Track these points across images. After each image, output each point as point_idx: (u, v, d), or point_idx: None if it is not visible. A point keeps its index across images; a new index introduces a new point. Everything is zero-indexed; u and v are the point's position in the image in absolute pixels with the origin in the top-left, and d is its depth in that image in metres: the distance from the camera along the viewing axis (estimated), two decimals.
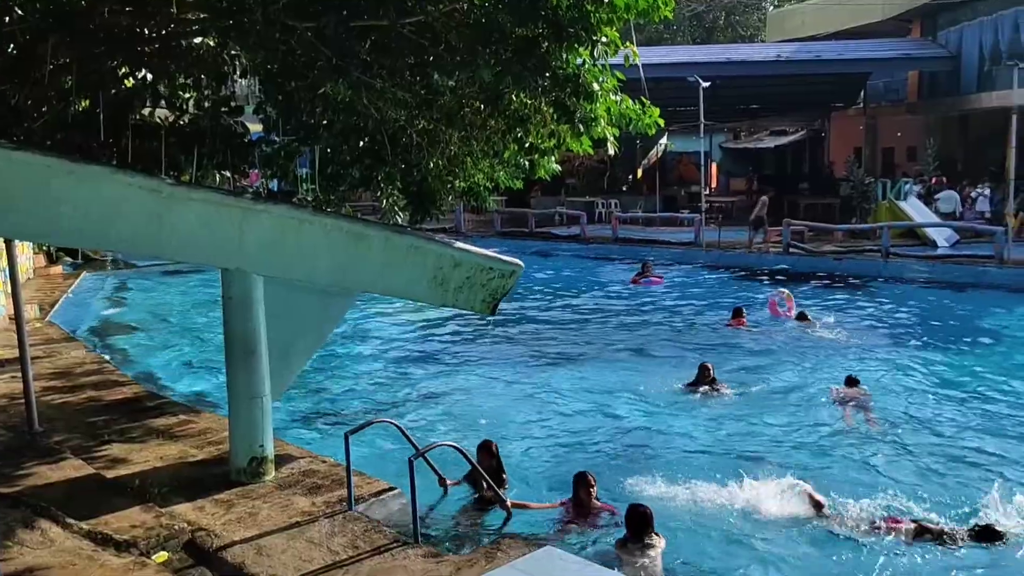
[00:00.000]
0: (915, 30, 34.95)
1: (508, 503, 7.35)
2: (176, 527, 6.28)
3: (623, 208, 31.94)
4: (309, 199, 9.44)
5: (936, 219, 25.85)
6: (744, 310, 16.48)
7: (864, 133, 35.66)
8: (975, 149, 32.72)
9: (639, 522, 6.86)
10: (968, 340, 15.10)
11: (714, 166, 42.50)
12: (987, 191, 27.28)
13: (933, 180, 29.14)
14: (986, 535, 7.16)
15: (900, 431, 10.43)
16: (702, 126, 26.92)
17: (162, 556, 5.95)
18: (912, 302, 18.54)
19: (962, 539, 7.16)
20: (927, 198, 27.87)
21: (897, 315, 17.42)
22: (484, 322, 15.44)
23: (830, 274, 21.69)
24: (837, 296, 19.47)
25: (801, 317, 16.14)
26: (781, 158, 41.89)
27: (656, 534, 6.89)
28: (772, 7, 51.46)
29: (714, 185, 42.02)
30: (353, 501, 6.68)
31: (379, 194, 9.75)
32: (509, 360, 14.10)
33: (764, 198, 25.91)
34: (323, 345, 8.98)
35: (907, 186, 27.19)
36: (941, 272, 20.99)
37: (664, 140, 38.45)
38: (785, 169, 41.24)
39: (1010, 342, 15.01)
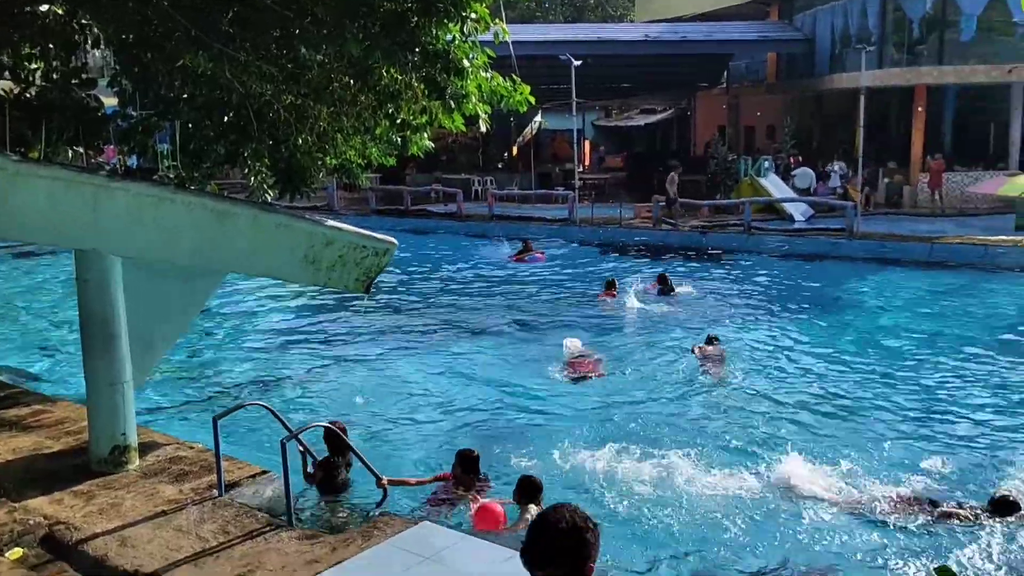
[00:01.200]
0: (773, 13, 36.54)
1: (384, 480, 7.32)
2: (31, 522, 5.97)
3: (499, 185, 32.14)
4: (171, 176, 9.05)
5: (793, 195, 27.21)
6: (616, 282, 16.94)
7: (727, 112, 37.12)
8: (829, 127, 34.63)
9: (529, 489, 7.07)
10: (821, 307, 16.14)
11: (587, 144, 43.28)
12: (840, 168, 28.91)
13: (791, 159, 30.67)
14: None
15: (760, 386, 11.28)
16: (574, 104, 27.31)
17: (16, 553, 5.65)
18: (771, 273, 19.53)
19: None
20: (785, 175, 29.30)
21: (758, 285, 18.32)
22: (359, 302, 15.25)
23: (697, 248, 22.54)
24: (703, 268, 20.29)
25: (666, 289, 16.66)
26: (651, 136, 43.12)
27: (536, 504, 7.09)
28: None
29: (587, 163, 42.81)
30: (223, 487, 6.51)
31: (246, 171, 9.43)
32: (386, 339, 14.01)
33: (673, 174, 26.50)
34: (188, 328, 8.67)
35: (766, 163, 28.49)
36: (797, 245, 22.15)
37: (538, 118, 38.82)
38: (654, 146, 42.49)
39: (857, 309, 16.10)
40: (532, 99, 8.30)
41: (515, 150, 39.02)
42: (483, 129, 8.31)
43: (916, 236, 21.73)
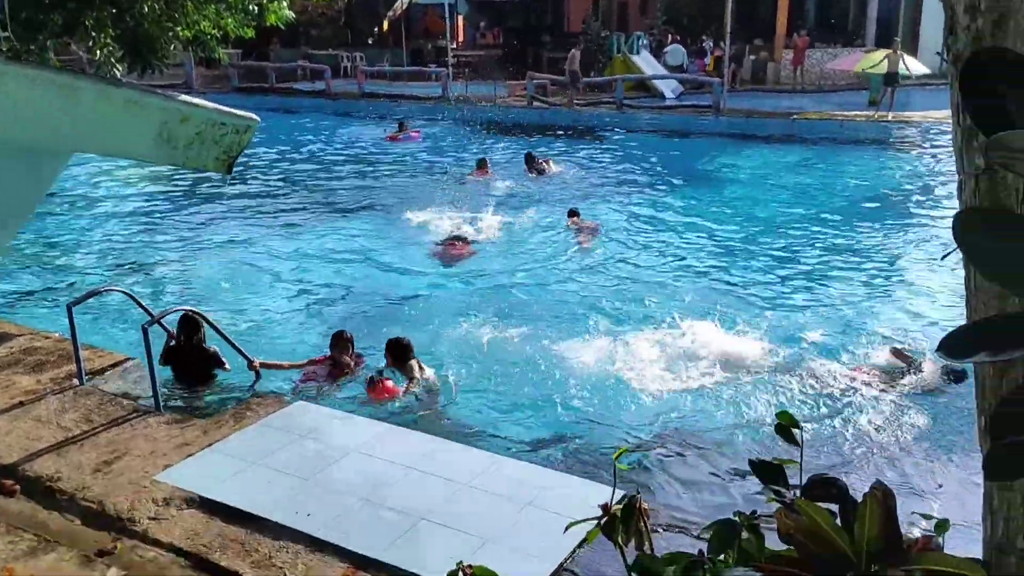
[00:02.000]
0: None
1: (256, 362, 7.24)
2: None
3: (369, 62, 31.01)
4: (3, 49, 8.25)
5: (665, 72, 27.44)
6: (487, 161, 16.88)
7: None
8: (702, 5, 34.74)
9: (397, 350, 7.27)
10: (689, 181, 16.62)
11: (461, 19, 42.02)
12: (710, 45, 29.25)
13: (669, 37, 30.66)
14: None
15: (632, 256, 11.73)
16: None
17: None
18: (642, 149, 19.87)
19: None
20: (657, 52, 29.43)
21: (629, 161, 18.63)
22: (222, 182, 14.66)
23: (571, 125, 22.60)
24: (577, 146, 20.42)
25: (535, 166, 16.71)
26: (525, 11, 42.17)
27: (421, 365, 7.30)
28: None
29: (461, 39, 41.68)
30: (84, 375, 6.29)
31: (91, 44, 8.71)
32: (252, 222, 13.57)
33: (574, 51, 26.13)
34: (33, 212, 8.13)
35: (641, 40, 28.49)
36: (667, 121, 22.52)
37: None
38: (529, 21, 41.66)
39: (723, 182, 16.67)
40: None
41: (386, 25, 37.49)
42: None
43: (778, 112, 22.46)
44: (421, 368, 7.39)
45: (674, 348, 8.11)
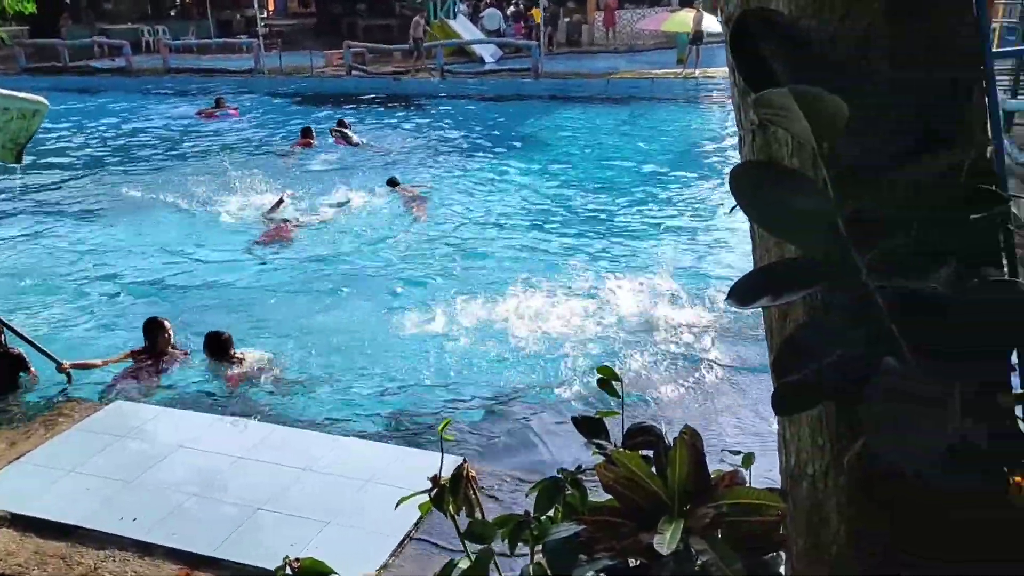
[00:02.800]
0: None
1: (65, 365, 6.74)
2: None
3: (173, 35, 29.26)
4: None
5: (483, 36, 27.52)
6: (312, 130, 16.44)
7: None
8: None
9: (215, 344, 7.08)
10: (512, 143, 16.82)
11: None
12: (521, 6, 29.57)
13: (485, 1, 30.69)
14: None
15: (455, 220, 11.80)
16: None
17: None
18: (465, 115, 19.90)
19: None
20: (474, 16, 29.46)
21: (452, 127, 18.62)
22: (12, 172, 13.45)
23: (392, 94, 22.29)
24: (398, 114, 20.18)
25: (345, 136, 16.41)
26: None
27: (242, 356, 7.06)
28: None
29: (272, 8, 40.09)
30: None
31: None
32: (51, 213, 12.54)
33: (418, 18, 25.46)
34: None
35: (458, 5, 28.40)
36: (489, 86, 22.64)
37: None
38: None
39: (543, 143, 16.98)
40: None
41: None
42: None
43: (594, 73, 23.06)
44: (241, 360, 7.15)
45: (501, 312, 8.22)
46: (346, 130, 16.55)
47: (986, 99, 1.97)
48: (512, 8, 29.97)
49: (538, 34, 25.52)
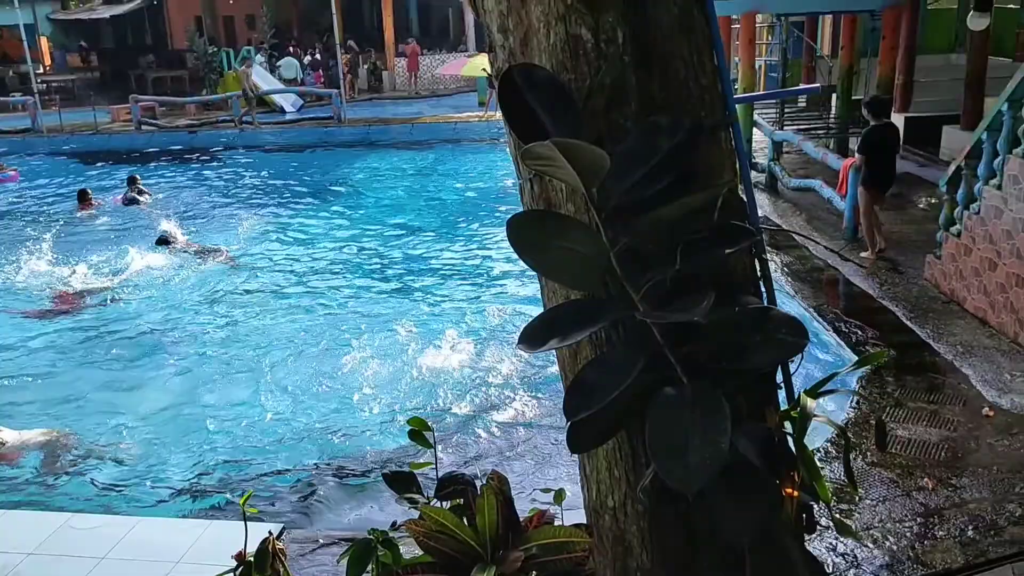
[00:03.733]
0: None
1: None
2: None
3: None
4: None
5: (281, 86, 27.02)
6: (90, 192, 15.49)
7: (202, 2, 35.07)
8: (307, 15, 34.74)
9: None
10: (316, 194, 16.58)
11: (44, 40, 37.86)
12: (319, 55, 29.33)
13: (292, 49, 29.97)
14: None
15: (263, 273, 11.52)
16: None
17: None
18: (266, 166, 19.41)
19: None
20: (270, 66, 28.90)
21: (252, 180, 18.09)
22: None
23: (187, 148, 21.39)
24: (194, 168, 19.41)
25: (136, 194, 15.66)
26: (121, 29, 39.08)
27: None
28: None
29: (48, 63, 37.58)
30: None
31: None
32: None
33: (244, 68, 24.29)
34: None
35: (258, 56, 27.77)
36: (291, 136, 22.21)
37: None
38: (127, 41, 38.68)
39: (348, 191, 16.86)
40: None
41: None
42: None
43: (398, 119, 23.20)
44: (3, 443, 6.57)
45: (305, 367, 8.04)
46: (138, 186, 15.71)
47: (732, 140, 2.15)
48: (309, 57, 29.67)
49: (339, 82, 25.39)
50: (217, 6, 35.55)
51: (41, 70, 30.83)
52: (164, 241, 12.41)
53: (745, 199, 2.11)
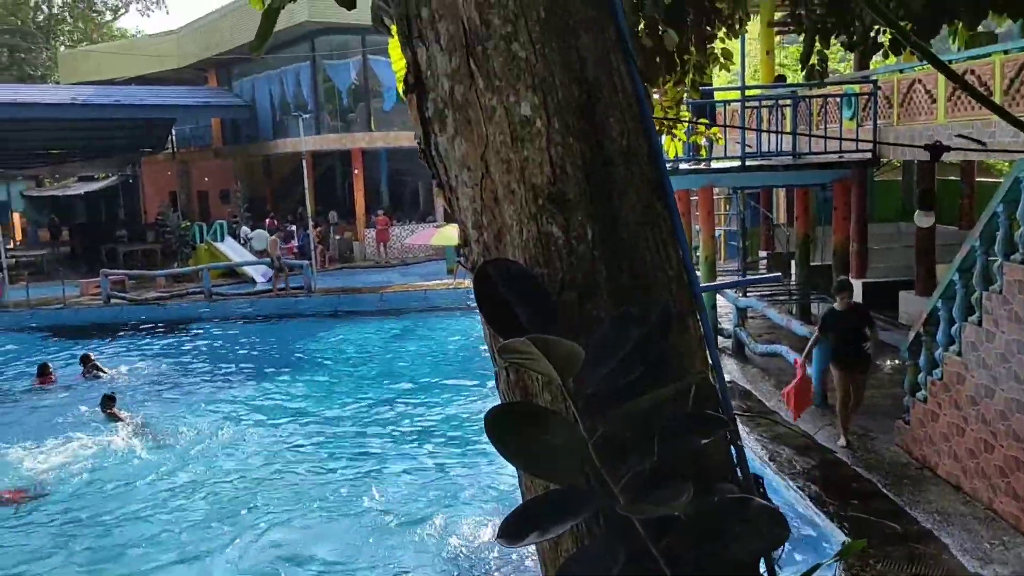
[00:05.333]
0: (211, 79, 36.70)
1: None
2: None
3: None
4: None
5: (252, 258, 27.45)
6: (50, 366, 15.28)
7: (177, 177, 36.17)
8: (280, 189, 35.83)
9: None
10: (286, 365, 16.48)
11: (17, 216, 38.49)
12: (293, 229, 30.03)
13: (268, 221, 30.60)
14: None
15: (228, 449, 11.13)
16: None
17: None
18: (238, 337, 19.39)
19: None
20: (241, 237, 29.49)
21: (222, 351, 18.02)
22: None
23: (156, 321, 21.35)
24: (163, 341, 19.31)
25: (91, 369, 15.53)
26: (94, 205, 39.91)
27: None
28: (64, 47, 48.63)
29: (19, 238, 38.03)
30: None
31: None
32: None
33: (276, 236, 24.57)
34: None
35: (244, 230, 28.49)
36: (262, 306, 22.33)
37: None
38: (99, 216, 39.42)
39: (319, 362, 16.81)
40: None
41: None
42: None
43: (367, 288, 23.51)
44: None
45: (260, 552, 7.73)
46: (93, 362, 15.56)
47: (701, 327, 2.21)
48: (281, 231, 30.33)
49: (310, 252, 25.86)
50: (192, 182, 36.68)
51: (11, 245, 31.08)
52: (107, 402, 12.52)
53: (717, 385, 2.15)
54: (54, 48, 49.08)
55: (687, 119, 6.55)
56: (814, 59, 5.90)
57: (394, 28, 2.70)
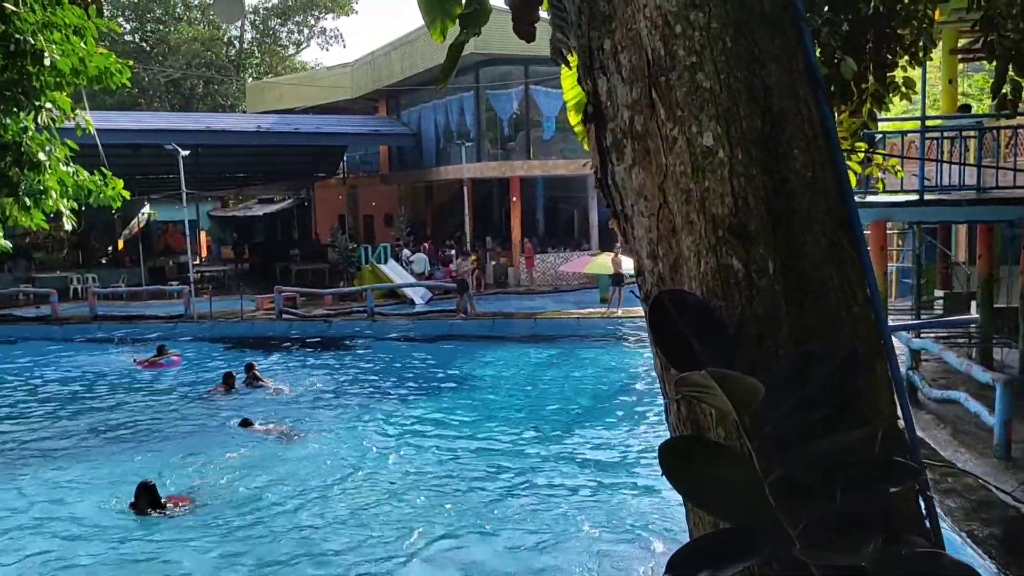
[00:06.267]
0: (381, 109, 38.50)
1: None
2: None
3: (103, 282, 29.45)
4: None
5: (412, 279, 28.43)
6: (233, 376, 16.34)
7: (346, 201, 38.07)
8: (440, 214, 37.02)
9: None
10: (442, 385, 16.90)
11: (203, 234, 41.59)
12: (453, 253, 30.91)
13: (425, 245, 31.89)
14: None
15: (384, 465, 11.49)
16: (184, 194, 26.18)
17: None
18: (395, 356, 20.07)
19: None
20: (405, 260, 30.64)
21: (381, 369, 18.68)
22: None
23: (322, 337, 22.46)
24: (328, 357, 20.25)
25: (253, 379, 16.45)
26: (271, 225, 42.68)
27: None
28: (251, 79, 52.44)
29: (205, 254, 41.09)
30: None
31: None
32: None
33: (462, 260, 26.19)
34: None
35: (405, 252, 29.82)
36: (419, 327, 23.05)
37: (147, 209, 36.48)
38: (276, 236, 42.07)
39: (469, 383, 17.11)
40: (126, 194, 7.75)
41: (121, 243, 36.18)
42: (68, 227, 7.57)
43: (521, 313, 23.81)
44: None
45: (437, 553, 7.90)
46: (254, 372, 16.53)
47: (889, 370, 2.11)
48: (441, 253, 31.30)
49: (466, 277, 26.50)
50: (359, 206, 38.49)
51: (197, 261, 33.56)
52: (247, 423, 13.27)
53: (906, 432, 2.04)
54: (242, 80, 53.00)
55: (863, 150, 6.27)
56: (1006, 88, 5.51)
57: (572, 59, 2.75)
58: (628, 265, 23.36)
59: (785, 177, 2.08)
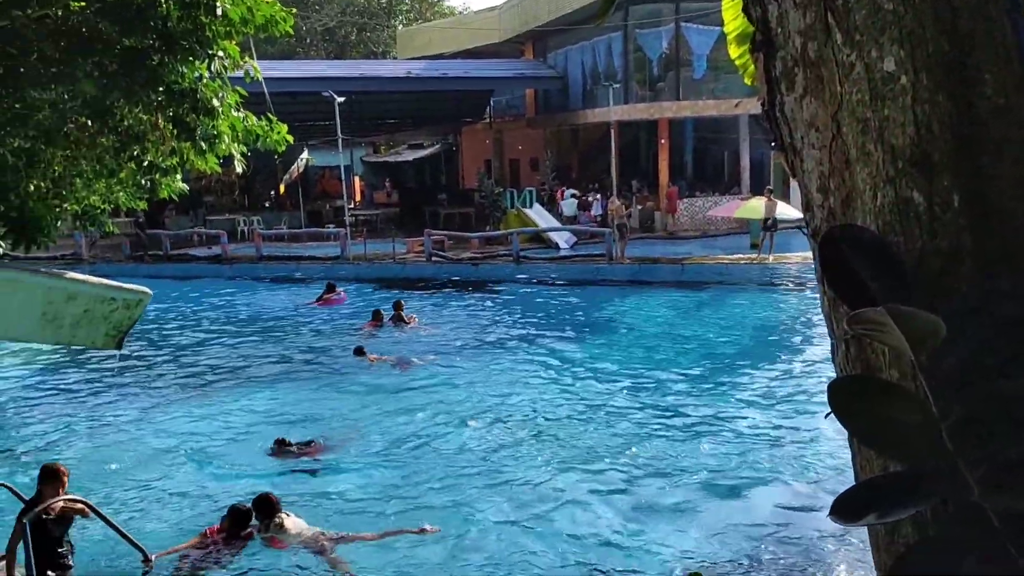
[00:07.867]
0: (528, 52, 38.33)
1: (151, 558, 6.78)
2: None
3: (267, 225, 31.17)
4: None
5: (557, 224, 28.49)
6: (382, 313, 17.04)
7: (492, 146, 38.38)
8: (586, 159, 36.74)
9: (264, 505, 7.35)
10: (587, 329, 16.94)
11: (357, 179, 43.07)
12: (599, 196, 30.71)
13: (558, 191, 31.95)
14: None
15: (536, 407, 11.67)
16: (340, 140, 27.12)
17: None
18: (541, 299, 20.29)
19: None
20: (550, 205, 30.71)
21: (526, 312, 18.93)
22: (112, 357, 14.11)
23: (469, 279, 22.96)
24: (475, 298, 20.71)
25: (400, 318, 17.02)
26: (420, 170, 43.68)
27: (285, 514, 7.35)
28: (401, 26, 53.35)
29: (359, 198, 42.59)
30: None
31: None
32: (142, 397, 12.87)
33: (620, 203, 25.78)
34: None
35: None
36: (564, 272, 23.16)
37: (305, 155, 38.07)
38: (424, 181, 43.06)
39: (619, 328, 17.07)
40: (290, 138, 8.12)
41: (282, 188, 38.03)
42: (239, 170, 8.02)
43: (668, 258, 23.47)
44: (281, 526, 7.22)
45: (583, 495, 8.04)
46: (401, 311, 17.08)
47: None
48: (583, 198, 31.14)
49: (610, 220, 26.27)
50: (505, 151, 38.70)
51: (352, 205, 34.84)
52: (360, 352, 14.12)
53: None
54: (393, 27, 54.01)
55: None
56: None
57: None
58: (781, 210, 22.53)
59: (972, 103, 1.94)
